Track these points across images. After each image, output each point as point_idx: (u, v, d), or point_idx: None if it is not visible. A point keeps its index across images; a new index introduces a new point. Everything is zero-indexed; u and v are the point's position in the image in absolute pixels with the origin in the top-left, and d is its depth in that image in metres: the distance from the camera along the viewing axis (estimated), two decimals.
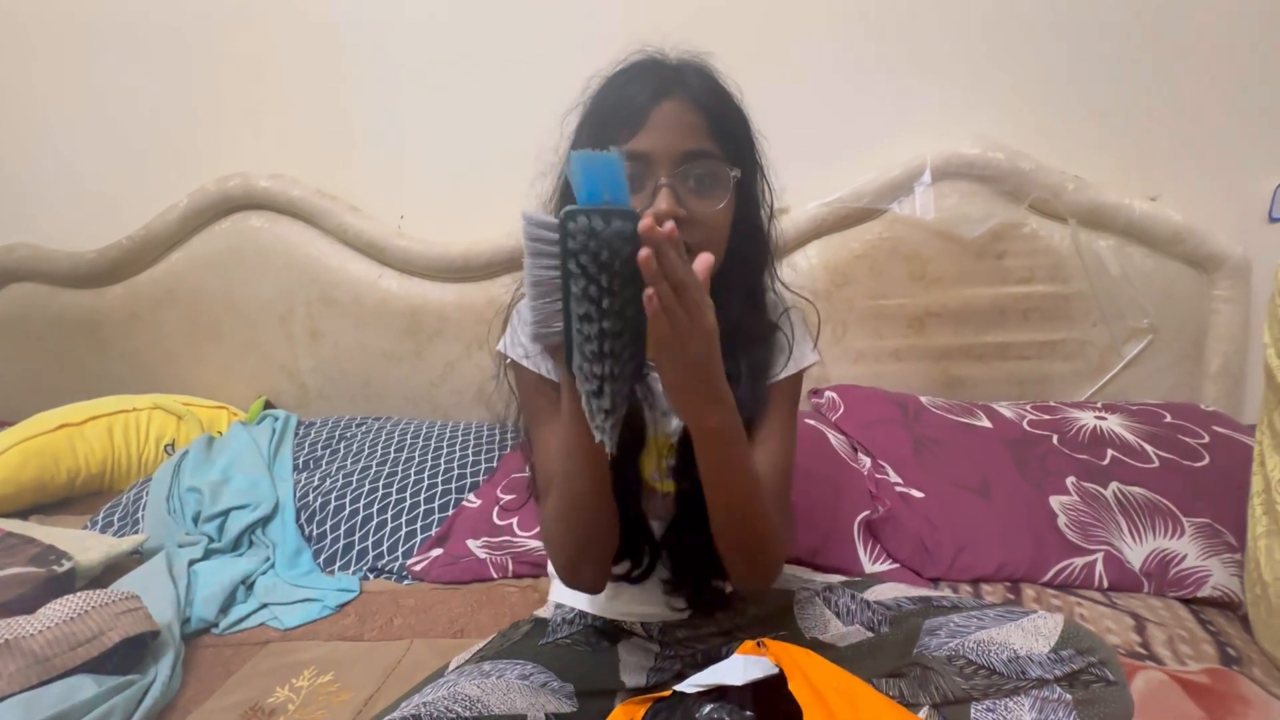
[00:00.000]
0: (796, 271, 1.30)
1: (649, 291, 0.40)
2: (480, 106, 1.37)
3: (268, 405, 1.52)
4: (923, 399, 1.19)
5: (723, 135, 0.57)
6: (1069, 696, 0.50)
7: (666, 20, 1.23)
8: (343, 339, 1.48)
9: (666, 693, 0.50)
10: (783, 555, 0.62)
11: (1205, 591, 0.82)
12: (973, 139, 1.22)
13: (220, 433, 1.34)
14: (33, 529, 0.97)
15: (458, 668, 0.62)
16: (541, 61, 1.31)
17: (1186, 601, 0.83)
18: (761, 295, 0.65)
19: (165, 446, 1.33)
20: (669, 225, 0.41)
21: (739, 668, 0.47)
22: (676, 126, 0.55)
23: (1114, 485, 0.95)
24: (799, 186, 1.30)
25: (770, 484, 0.59)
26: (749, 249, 0.61)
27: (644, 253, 0.39)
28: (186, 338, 1.55)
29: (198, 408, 1.42)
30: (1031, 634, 0.53)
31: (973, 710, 0.53)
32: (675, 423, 0.63)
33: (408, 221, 1.45)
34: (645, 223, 0.40)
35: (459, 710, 0.52)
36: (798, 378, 0.66)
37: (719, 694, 0.48)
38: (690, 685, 0.48)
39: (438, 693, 0.55)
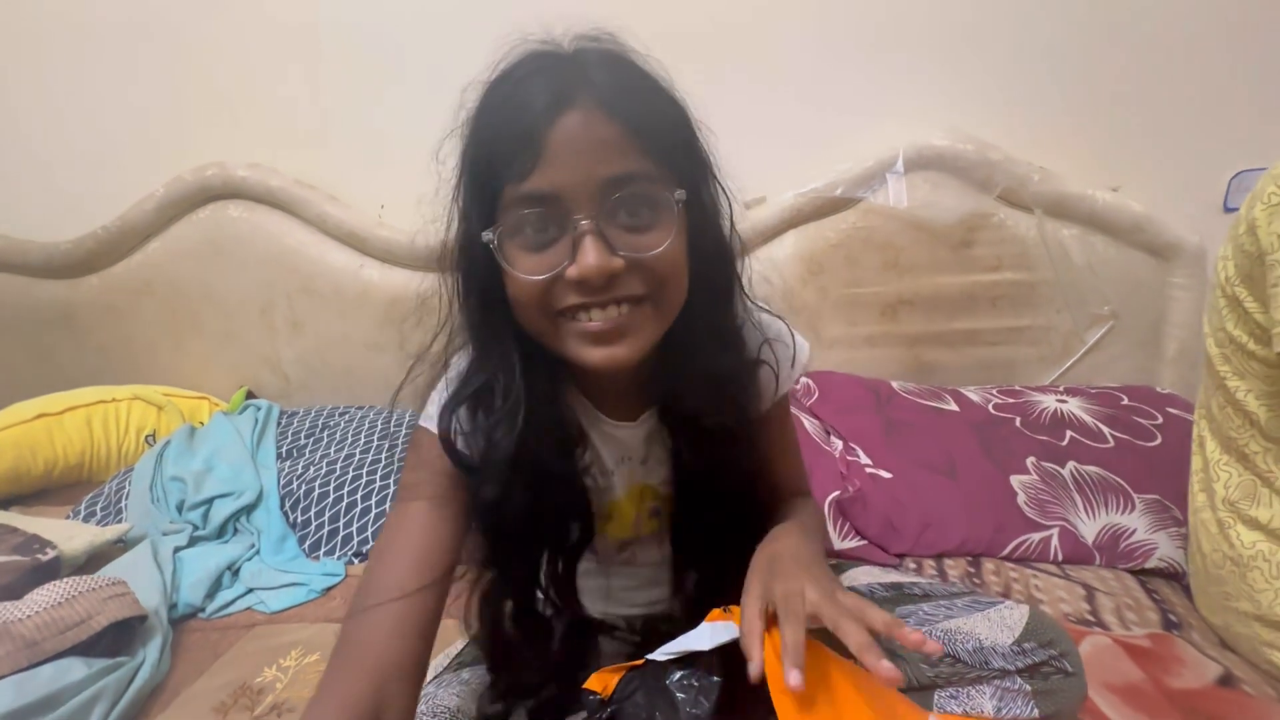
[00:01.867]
0: (772, 260, 1.34)
1: None
2: (457, 96, 1.37)
3: (249, 396, 1.52)
4: (894, 384, 1.23)
5: (653, 144, 0.43)
6: (1028, 687, 0.52)
7: (646, 14, 1.26)
8: (324, 329, 1.49)
9: (639, 661, 0.53)
10: None
11: (1152, 563, 0.87)
12: (943, 131, 1.25)
13: (202, 423, 1.35)
14: (15, 519, 0.98)
15: (435, 677, 0.60)
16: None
17: (1135, 572, 0.88)
18: (736, 328, 0.52)
19: (146, 437, 1.34)
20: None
21: (706, 634, 0.50)
22: (586, 147, 0.41)
23: (1071, 464, 0.99)
24: (776, 176, 1.33)
25: (800, 485, 0.62)
26: (712, 272, 0.48)
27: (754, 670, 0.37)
28: (165, 329, 1.55)
29: (178, 398, 1.42)
30: (997, 625, 0.54)
31: (936, 696, 0.55)
32: (661, 470, 0.57)
33: (388, 211, 1.46)
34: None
35: None
36: (787, 394, 0.61)
37: (689, 661, 0.51)
38: (662, 654, 0.51)
39: (419, 708, 0.53)
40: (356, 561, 1.01)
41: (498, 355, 0.48)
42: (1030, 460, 1.01)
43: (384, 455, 1.18)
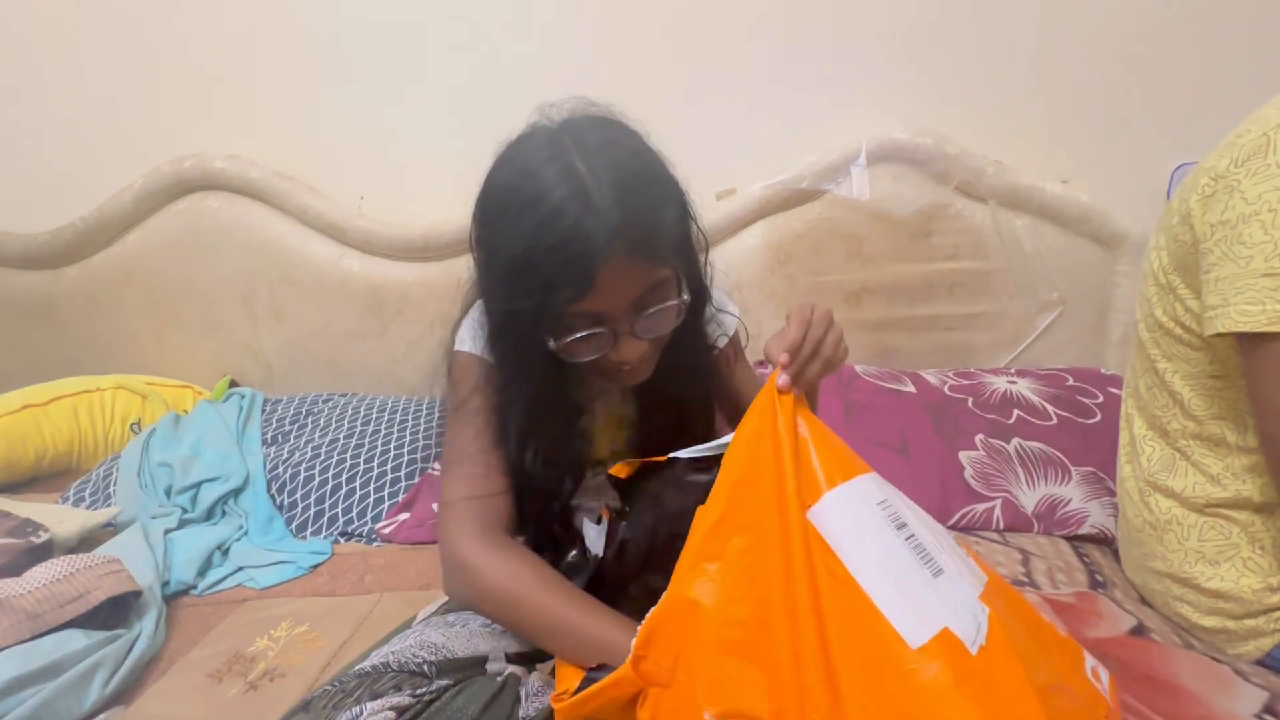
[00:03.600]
0: (743, 249, 1.40)
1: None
2: (439, 86, 1.40)
3: (233, 385, 1.54)
4: (857, 368, 1.30)
5: (663, 253, 0.54)
6: None
7: (617, 13, 1.29)
8: (306, 319, 1.51)
9: (661, 459, 0.55)
10: None
11: (1085, 529, 0.95)
12: (904, 125, 1.30)
13: (186, 412, 1.37)
14: (7, 504, 1.00)
15: (424, 619, 0.67)
16: (500, 41, 1.35)
17: (1069, 538, 0.95)
18: (704, 327, 0.66)
19: (131, 425, 1.36)
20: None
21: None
22: (626, 280, 0.52)
23: (1016, 440, 1.06)
24: (745, 169, 1.38)
25: None
26: (693, 305, 0.61)
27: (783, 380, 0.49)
28: (147, 319, 1.56)
29: (162, 387, 1.44)
30: None
31: None
32: (633, 401, 0.68)
33: (368, 202, 1.48)
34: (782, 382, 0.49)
35: (425, 655, 0.57)
36: (734, 337, 0.73)
37: (710, 464, 0.53)
38: (686, 453, 0.54)
39: (405, 641, 0.60)
40: (342, 540, 1.06)
41: (532, 372, 0.59)
42: (979, 437, 1.07)
43: (367, 440, 1.22)
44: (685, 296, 0.56)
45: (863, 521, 0.44)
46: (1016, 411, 1.12)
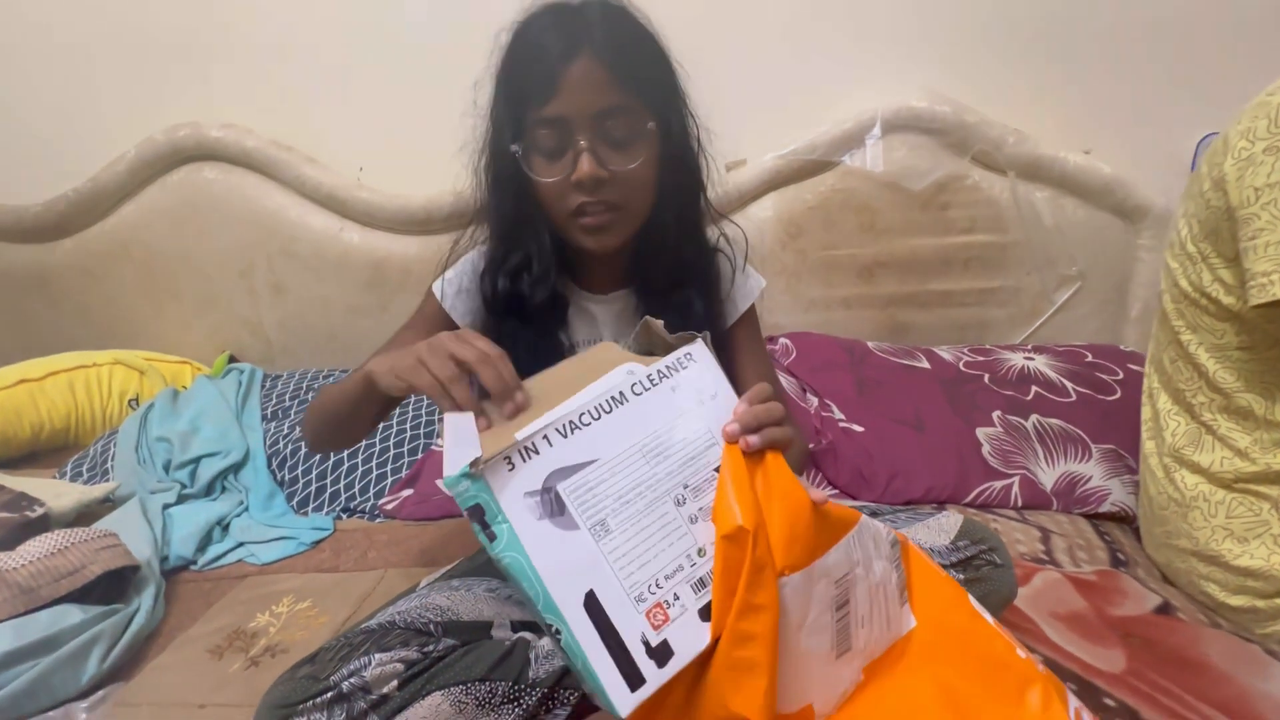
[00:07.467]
0: (752, 222, 1.36)
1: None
2: (440, 54, 1.35)
3: (232, 360, 1.52)
4: (870, 344, 1.27)
5: (637, 83, 0.57)
6: (961, 577, 0.58)
7: None
8: (306, 293, 1.48)
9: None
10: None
11: (1105, 507, 0.92)
12: (921, 92, 1.26)
13: (184, 387, 1.35)
14: (1, 478, 0.98)
15: (429, 584, 0.67)
16: (504, 9, 1.30)
17: (1089, 516, 0.93)
18: (699, 221, 0.67)
19: (129, 401, 1.34)
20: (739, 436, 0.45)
21: None
22: (588, 86, 0.55)
23: (1034, 417, 1.03)
24: (756, 139, 1.33)
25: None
26: (679, 179, 0.63)
27: (742, 442, 0.45)
28: (144, 293, 1.53)
29: (160, 363, 1.41)
30: (935, 530, 0.61)
31: None
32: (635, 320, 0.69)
33: (368, 173, 1.44)
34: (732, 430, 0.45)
35: (431, 617, 0.57)
36: (752, 309, 0.72)
37: None
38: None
39: (411, 604, 0.60)
40: (345, 517, 1.04)
41: (528, 233, 0.63)
42: (996, 414, 1.05)
43: None
44: (652, 124, 0.57)
45: (815, 600, 0.45)
46: (1034, 388, 1.09)
